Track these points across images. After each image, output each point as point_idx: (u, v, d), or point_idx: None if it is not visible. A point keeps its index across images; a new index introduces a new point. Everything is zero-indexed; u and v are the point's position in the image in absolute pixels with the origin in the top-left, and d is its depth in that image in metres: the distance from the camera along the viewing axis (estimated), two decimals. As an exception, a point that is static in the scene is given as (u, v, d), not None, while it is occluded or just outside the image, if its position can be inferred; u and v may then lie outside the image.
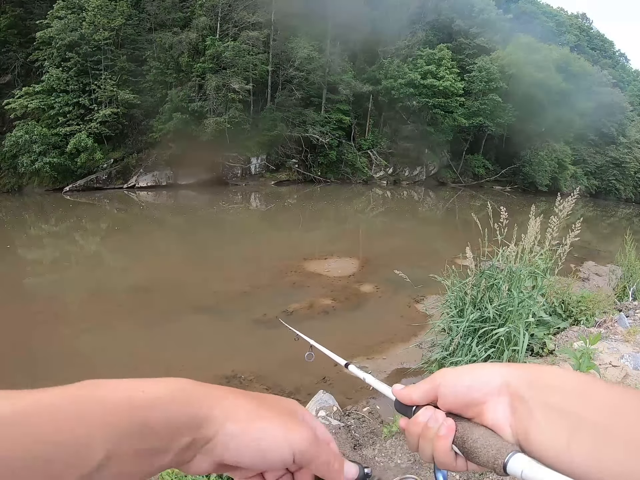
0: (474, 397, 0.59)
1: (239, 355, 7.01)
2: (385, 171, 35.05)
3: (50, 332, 7.80)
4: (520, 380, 0.58)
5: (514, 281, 4.13)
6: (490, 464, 0.53)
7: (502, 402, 0.58)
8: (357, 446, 4.31)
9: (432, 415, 0.61)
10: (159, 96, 27.14)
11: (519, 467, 0.49)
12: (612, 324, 5.24)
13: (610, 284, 8.83)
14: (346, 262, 12.46)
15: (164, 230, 17.65)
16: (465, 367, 0.64)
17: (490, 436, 0.56)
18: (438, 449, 0.59)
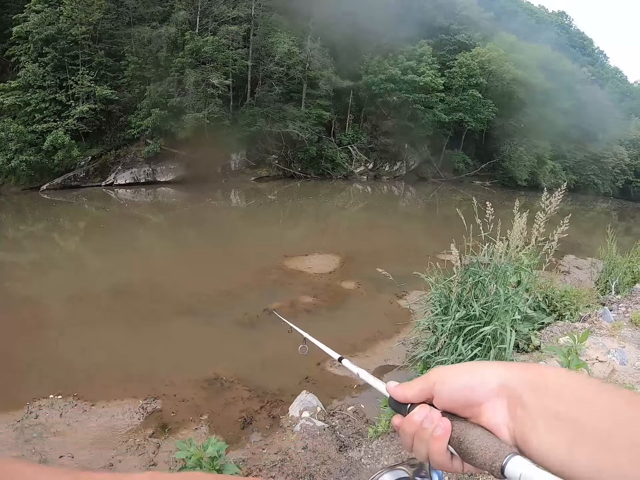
0: (471, 398, 0.58)
1: (220, 358, 6.91)
2: (366, 166, 35.04)
3: (28, 336, 7.59)
4: (519, 382, 0.56)
5: (500, 278, 4.08)
6: (487, 466, 0.52)
7: (500, 403, 0.56)
8: (343, 448, 4.24)
9: (428, 414, 0.60)
10: (137, 92, 26.66)
11: (517, 470, 0.49)
12: (596, 318, 5.23)
13: (592, 278, 8.89)
14: (327, 258, 12.41)
15: (143, 228, 17.37)
16: (462, 366, 0.63)
17: (487, 437, 0.54)
18: (433, 449, 0.58)
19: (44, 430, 5.01)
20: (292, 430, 4.56)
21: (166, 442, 4.87)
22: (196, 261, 12.59)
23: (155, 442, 4.88)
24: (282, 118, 30.57)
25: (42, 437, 4.90)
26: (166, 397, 5.73)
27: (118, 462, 4.60)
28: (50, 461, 4.58)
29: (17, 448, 4.77)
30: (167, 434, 5.02)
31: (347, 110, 34.38)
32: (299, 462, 3.83)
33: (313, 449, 4.11)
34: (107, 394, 5.74)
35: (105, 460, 4.62)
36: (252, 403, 5.66)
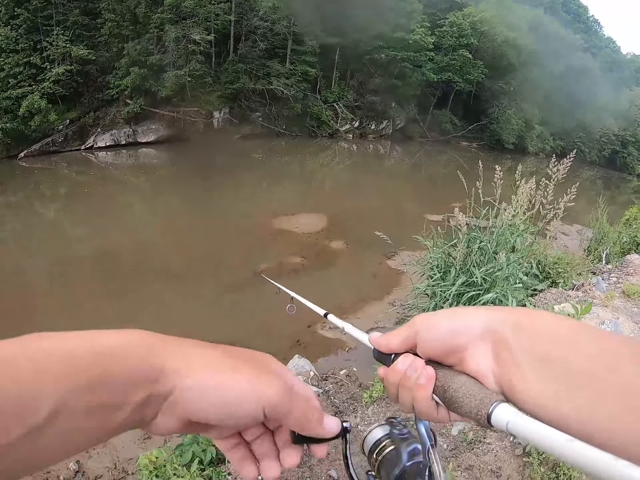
0: (455, 344, 0.56)
1: (209, 322, 6.87)
2: (352, 125, 34.55)
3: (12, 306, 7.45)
4: (504, 325, 0.53)
5: (502, 244, 4.01)
6: (473, 414, 0.50)
7: (485, 348, 0.54)
8: (338, 414, 4.22)
9: (411, 363, 0.59)
10: (115, 50, 25.63)
11: (504, 418, 0.47)
12: (589, 287, 5.21)
13: (581, 246, 8.93)
14: (315, 217, 12.33)
15: (125, 192, 16.97)
16: (445, 311, 0.60)
17: (472, 385, 0.52)
18: (418, 398, 0.57)
19: None
20: (286, 395, 4.52)
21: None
22: (181, 224, 12.40)
23: (150, 414, 4.83)
24: (266, 75, 29.76)
25: None
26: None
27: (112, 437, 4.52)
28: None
29: None
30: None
31: (333, 67, 33.53)
32: (294, 428, 3.79)
33: (308, 414, 4.08)
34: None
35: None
36: (244, 367, 5.62)
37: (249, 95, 29.68)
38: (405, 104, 36.63)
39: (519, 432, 0.44)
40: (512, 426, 0.45)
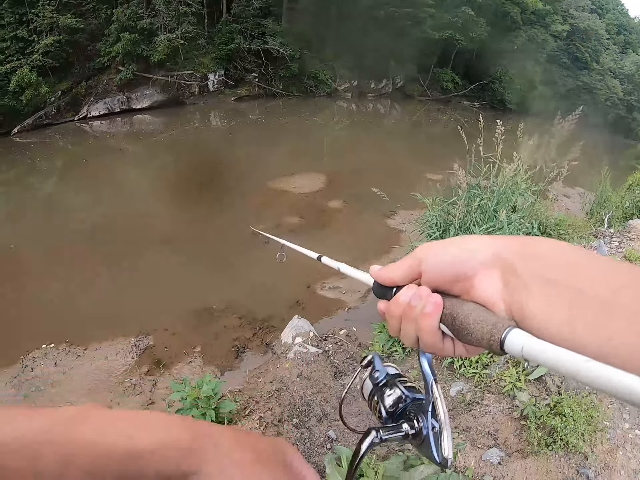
0: (461, 271, 0.55)
1: (207, 287, 6.86)
2: (350, 83, 33.84)
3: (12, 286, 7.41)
4: (511, 251, 0.53)
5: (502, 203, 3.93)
6: (485, 341, 0.50)
7: (493, 275, 0.53)
8: (338, 374, 4.24)
9: (416, 292, 0.57)
10: (104, 17, 24.71)
11: (518, 342, 0.46)
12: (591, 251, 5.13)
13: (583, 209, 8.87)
14: (313, 177, 12.24)
15: (121, 161, 16.67)
16: (449, 240, 0.59)
17: (483, 311, 0.52)
18: (424, 328, 0.55)
19: (41, 383, 4.97)
20: (286, 357, 4.55)
21: (162, 379, 4.87)
22: (177, 190, 12.23)
23: (151, 379, 4.88)
24: (262, 34, 28.95)
25: (40, 390, 4.88)
26: (157, 333, 5.70)
27: (117, 405, 4.60)
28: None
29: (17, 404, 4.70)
30: (162, 369, 5.02)
31: (330, 24, 32.83)
32: (295, 391, 3.81)
33: (308, 376, 4.10)
34: (98, 336, 5.69)
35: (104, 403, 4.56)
36: (244, 331, 5.65)
37: (244, 55, 28.91)
38: (405, 62, 35.91)
39: (534, 356, 0.44)
40: (527, 350, 0.45)
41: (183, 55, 25.69)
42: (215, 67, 27.71)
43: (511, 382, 3.17)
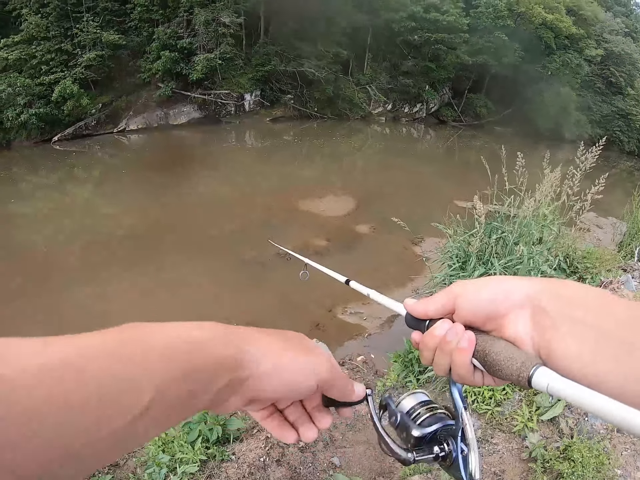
0: (495, 310, 0.58)
1: (231, 300, 6.91)
2: (384, 107, 34.05)
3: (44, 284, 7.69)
4: (542, 292, 0.56)
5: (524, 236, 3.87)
6: (514, 377, 0.53)
7: (524, 315, 0.56)
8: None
9: (452, 328, 0.60)
10: (146, 35, 25.79)
11: (544, 380, 0.50)
12: (618, 285, 4.97)
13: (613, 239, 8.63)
14: (342, 200, 12.27)
15: (156, 172, 17.10)
16: (484, 280, 0.62)
17: (512, 349, 0.55)
18: (457, 362, 0.59)
19: None
20: (301, 380, 4.50)
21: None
22: (209, 203, 12.53)
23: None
24: (297, 56, 29.43)
25: None
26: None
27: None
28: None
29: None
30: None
31: (365, 48, 33.06)
32: (306, 414, 3.77)
33: (320, 400, 4.05)
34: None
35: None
36: (262, 349, 5.63)
37: (280, 77, 29.48)
38: (439, 87, 35.91)
39: (558, 393, 0.47)
40: (551, 388, 0.48)
41: (220, 75, 26.47)
42: (252, 87, 28.30)
43: (523, 421, 3.08)
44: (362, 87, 32.77)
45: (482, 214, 3.49)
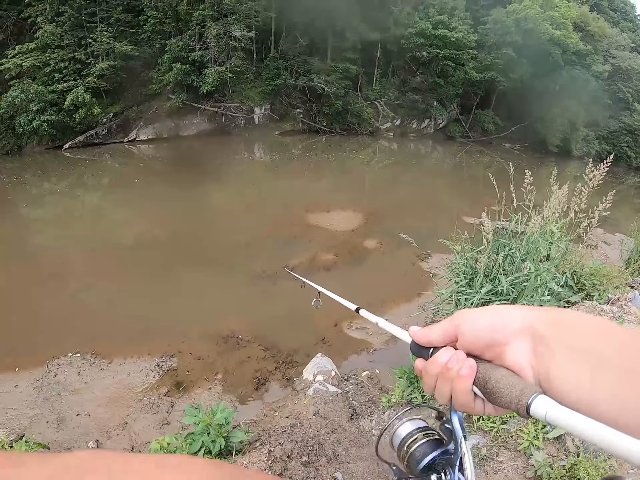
0: (495, 338, 0.59)
1: (237, 313, 6.89)
2: (392, 123, 34.18)
3: (51, 289, 7.80)
4: (540, 321, 0.57)
5: (531, 253, 3.85)
6: (513, 404, 0.54)
7: (524, 343, 0.57)
8: (354, 416, 4.17)
9: (453, 356, 0.61)
10: (158, 47, 26.27)
11: (543, 408, 0.51)
12: (625, 302, 4.93)
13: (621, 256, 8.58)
14: (350, 215, 12.27)
15: (165, 183, 17.28)
16: (485, 309, 0.63)
17: (512, 377, 0.56)
18: (458, 389, 0.60)
19: (62, 389, 5.10)
20: (305, 394, 4.51)
21: (180, 401, 4.90)
22: (217, 214, 12.60)
23: (170, 400, 4.92)
24: (307, 71, 29.82)
25: (60, 395, 5.00)
26: (182, 355, 5.75)
27: (132, 421, 4.64)
28: (68, 419, 4.67)
29: (36, 406, 4.86)
30: (182, 392, 5.04)
31: (374, 64, 33.23)
32: (309, 428, 3.76)
33: (324, 415, 4.05)
34: (124, 351, 5.80)
35: (120, 418, 4.67)
36: (267, 363, 5.64)
37: (290, 91, 29.78)
38: (448, 103, 36.04)
39: (556, 421, 0.48)
40: (550, 416, 0.49)
41: (231, 88, 26.84)
42: (262, 101, 28.62)
43: (529, 439, 3.05)
44: (370, 103, 32.95)
45: (489, 232, 3.48)
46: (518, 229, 4.19)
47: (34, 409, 4.82)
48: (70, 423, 4.62)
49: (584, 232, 4.34)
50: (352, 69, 30.73)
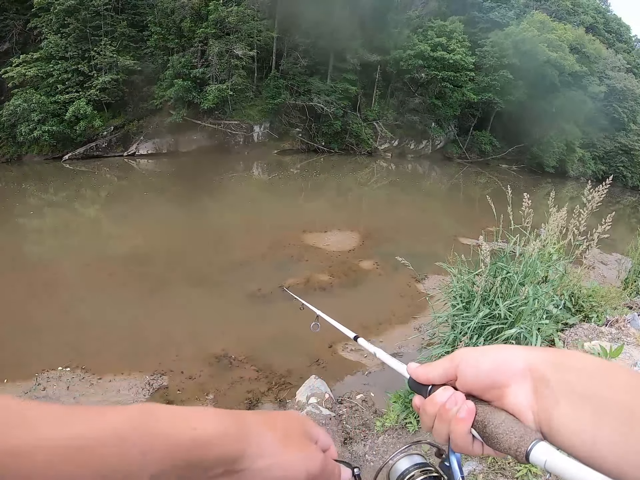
0: (496, 380, 0.58)
1: (230, 333, 6.80)
2: (391, 143, 34.42)
3: (43, 301, 7.69)
4: (544, 363, 0.56)
5: (529, 276, 3.80)
6: (512, 451, 0.52)
7: (525, 386, 0.56)
8: (348, 440, 4.07)
9: (452, 396, 0.60)
10: (160, 62, 26.55)
11: (542, 456, 0.49)
12: (624, 324, 4.86)
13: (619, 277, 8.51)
14: (346, 235, 12.21)
15: (163, 198, 17.32)
16: (487, 348, 0.62)
17: (512, 422, 0.54)
18: (456, 431, 0.58)
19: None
20: (298, 417, 4.39)
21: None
22: (213, 232, 12.54)
23: (159, 421, 4.79)
24: (307, 91, 30.12)
25: None
26: (173, 374, 5.65)
27: None
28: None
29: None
30: (172, 413, 4.92)
31: (373, 85, 33.55)
32: (302, 454, 3.66)
33: (317, 440, 3.94)
34: (114, 367, 5.69)
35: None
36: (260, 384, 5.54)
37: (290, 110, 30.03)
38: (445, 124, 36.35)
39: (556, 470, 0.47)
40: (549, 464, 0.47)
41: (231, 106, 27.10)
42: (261, 119, 28.87)
43: (526, 467, 2.97)
44: (369, 123, 33.20)
45: (487, 255, 3.43)
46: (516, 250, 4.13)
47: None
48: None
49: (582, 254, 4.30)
50: (352, 90, 31.04)
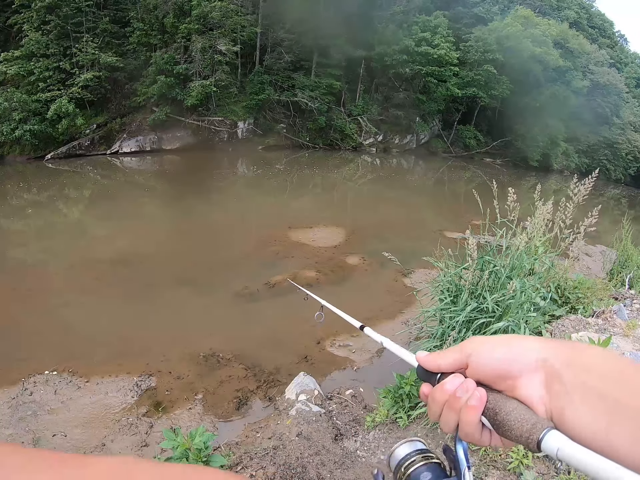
0: (508, 370, 0.58)
1: (218, 332, 6.75)
2: (375, 138, 34.47)
3: (28, 305, 7.54)
4: (557, 357, 0.56)
5: (516, 269, 3.81)
6: (523, 439, 0.53)
7: (537, 378, 0.56)
8: (339, 436, 4.07)
9: (462, 384, 0.60)
10: (143, 59, 26.29)
11: (554, 444, 0.49)
12: (610, 315, 4.91)
13: (603, 268, 8.59)
14: (332, 231, 12.19)
15: (147, 197, 17.16)
16: (499, 338, 0.62)
17: (524, 410, 0.55)
18: (465, 419, 0.58)
19: (38, 408, 4.92)
20: (288, 414, 4.41)
21: (159, 422, 4.75)
22: (199, 230, 12.43)
23: (148, 421, 4.76)
24: (291, 87, 30.10)
25: (36, 415, 4.81)
26: (161, 374, 5.60)
27: (110, 442, 4.48)
28: (44, 440, 4.48)
29: (11, 426, 4.67)
30: (161, 413, 4.90)
31: (358, 80, 33.58)
32: (292, 451, 3.66)
33: (308, 436, 3.94)
34: (102, 370, 5.63)
35: (97, 439, 4.50)
36: (248, 382, 5.51)
37: (274, 106, 29.97)
38: (430, 118, 36.50)
39: (569, 459, 0.47)
40: (562, 453, 0.48)
41: (215, 102, 26.95)
42: (245, 115, 28.72)
43: (518, 458, 2.98)
44: (353, 118, 33.21)
45: (474, 249, 3.43)
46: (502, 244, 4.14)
47: (8, 428, 4.63)
48: (46, 444, 4.44)
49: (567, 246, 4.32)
50: (336, 85, 31.04)
